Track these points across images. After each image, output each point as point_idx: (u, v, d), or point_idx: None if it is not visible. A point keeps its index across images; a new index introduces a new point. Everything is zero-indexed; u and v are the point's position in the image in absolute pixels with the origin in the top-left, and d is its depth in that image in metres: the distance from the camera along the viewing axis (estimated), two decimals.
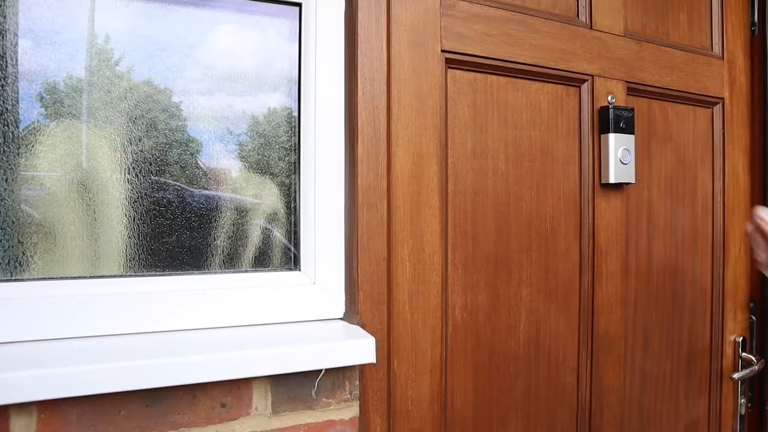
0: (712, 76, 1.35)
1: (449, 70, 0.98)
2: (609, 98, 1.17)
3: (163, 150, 0.83)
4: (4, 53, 0.76)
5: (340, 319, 0.89)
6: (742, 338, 1.41)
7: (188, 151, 0.84)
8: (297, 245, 0.89)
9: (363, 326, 0.86)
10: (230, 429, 0.77)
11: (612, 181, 1.14)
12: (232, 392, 0.77)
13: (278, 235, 0.90)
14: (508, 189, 1.06)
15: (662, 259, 1.29)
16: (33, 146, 0.77)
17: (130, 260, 0.82)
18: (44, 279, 0.78)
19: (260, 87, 0.88)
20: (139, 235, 0.82)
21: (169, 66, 0.83)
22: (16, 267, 0.77)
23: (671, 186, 1.31)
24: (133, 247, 0.82)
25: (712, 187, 1.38)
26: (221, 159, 0.86)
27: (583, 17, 1.15)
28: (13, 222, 0.76)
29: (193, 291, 0.83)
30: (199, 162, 0.86)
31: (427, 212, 0.94)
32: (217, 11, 0.86)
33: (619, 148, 1.14)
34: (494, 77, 1.04)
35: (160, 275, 0.83)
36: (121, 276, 0.82)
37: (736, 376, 1.33)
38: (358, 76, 0.87)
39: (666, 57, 1.26)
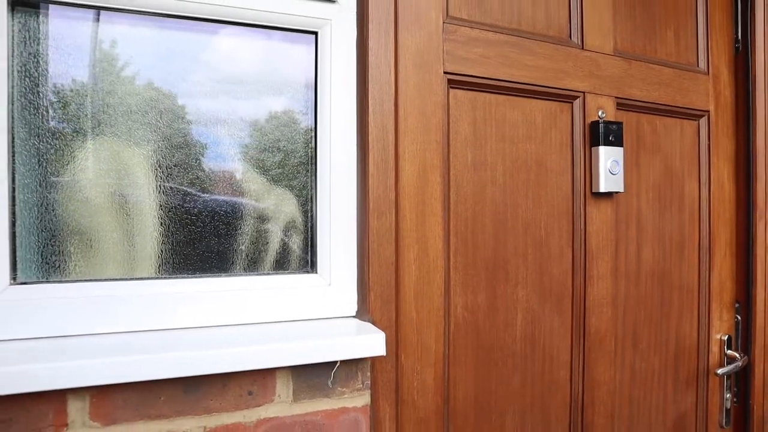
0: (698, 91, 1.44)
1: (451, 90, 1.07)
2: (599, 113, 1.25)
3: (194, 166, 0.93)
4: (44, 81, 0.85)
5: (353, 317, 0.98)
6: (727, 336, 1.50)
7: (218, 166, 0.94)
8: (314, 250, 0.99)
9: (374, 323, 0.95)
10: (256, 414, 0.86)
11: (602, 190, 1.23)
12: (257, 381, 0.86)
13: (297, 241, 0.99)
14: (505, 198, 1.15)
15: (650, 263, 1.38)
16: (78, 160, 0.87)
17: (163, 264, 0.91)
18: (88, 281, 0.87)
19: (282, 109, 0.98)
20: (171, 241, 0.92)
21: (202, 93, 0.93)
22: (64, 269, 0.86)
23: (659, 194, 1.40)
24: (166, 252, 0.92)
25: (699, 195, 1.47)
26: (246, 173, 0.96)
27: (575, 38, 1.24)
28: (63, 230, 0.86)
29: (220, 291, 0.92)
30: (226, 176, 0.95)
31: (431, 220, 1.03)
32: (242, 38, 0.95)
33: (608, 160, 1.23)
34: (492, 96, 1.13)
35: (191, 277, 0.92)
36: (154, 278, 0.91)
37: (720, 371, 1.42)
38: (369, 97, 0.96)
39: (654, 73, 1.35)
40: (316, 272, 0.98)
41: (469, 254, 1.10)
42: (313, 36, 0.98)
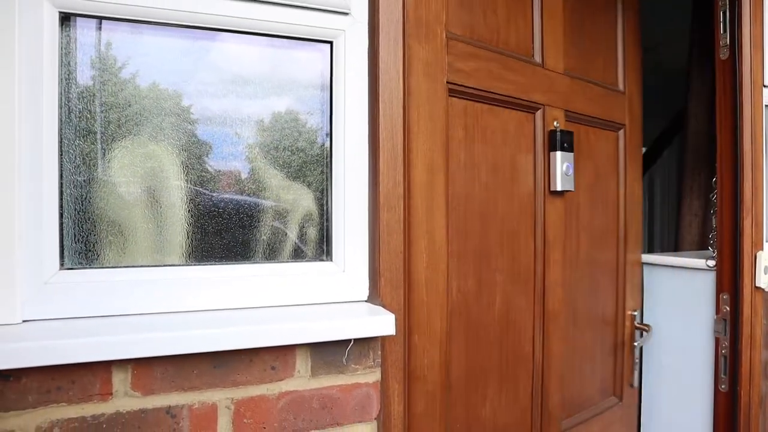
0: (618, 108, 1.70)
1: (449, 98, 1.18)
2: (555, 123, 1.44)
3: (220, 164, 1.02)
4: (88, 88, 0.95)
5: (365, 301, 1.07)
6: (637, 312, 1.79)
7: (242, 164, 1.04)
8: (329, 240, 1.08)
9: (384, 306, 1.04)
10: (278, 387, 0.95)
11: (558, 189, 1.42)
12: (279, 358, 0.95)
13: (313, 231, 1.08)
14: (488, 195, 1.28)
15: (585, 251, 1.59)
16: (117, 159, 0.96)
17: (193, 252, 1.01)
18: (125, 267, 0.97)
19: (299, 110, 1.07)
20: (200, 232, 1.01)
21: (219, 96, 1.02)
22: (104, 256, 0.96)
23: (591, 193, 1.61)
24: (195, 242, 1.01)
25: (617, 193, 1.73)
26: (267, 170, 1.05)
27: (538, 58, 1.40)
28: (103, 221, 0.95)
29: (244, 277, 1.02)
30: (249, 172, 1.04)
31: (437, 213, 1.13)
32: (265, 48, 1.05)
33: (564, 163, 1.41)
34: (479, 104, 1.26)
35: (218, 264, 1.01)
36: (185, 265, 1.01)
37: (637, 343, 1.79)
38: (380, 101, 1.06)
39: (589, 91, 1.57)
40: (332, 260, 1.07)
41: (462, 244, 1.22)
42: (329, 45, 1.07)
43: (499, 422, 1.33)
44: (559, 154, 1.40)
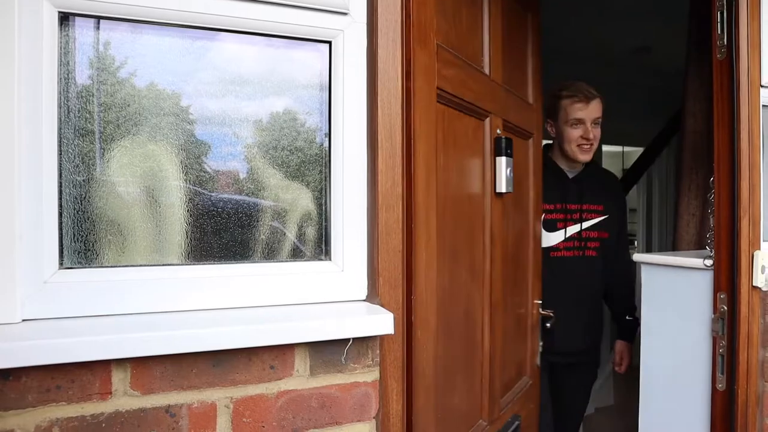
0: (531, 119, 1.89)
1: (436, 103, 1.21)
2: (498, 131, 1.53)
3: (218, 163, 1.03)
4: (87, 88, 0.95)
5: (363, 300, 1.08)
6: (540, 301, 2.00)
7: (240, 164, 1.04)
8: (327, 240, 1.08)
9: (382, 305, 1.04)
10: (277, 387, 0.96)
11: (503, 190, 1.54)
12: (278, 357, 0.95)
13: (312, 231, 1.08)
14: (456, 196, 1.33)
15: (510, 247, 1.71)
16: (116, 159, 0.96)
17: (191, 251, 1.01)
18: (123, 266, 0.97)
19: (297, 110, 1.07)
20: (199, 232, 1.01)
21: (217, 96, 1.03)
22: (102, 256, 0.96)
23: (514, 195, 1.72)
24: (194, 241, 1.01)
25: (529, 195, 1.92)
26: (266, 169, 1.05)
27: (486, 69, 1.48)
28: (101, 221, 0.96)
29: (243, 276, 1.02)
30: (247, 172, 1.05)
31: (431, 213, 1.15)
32: (264, 47, 1.05)
33: (507, 168, 1.52)
34: (451, 110, 1.29)
35: (217, 264, 1.02)
36: (183, 264, 1.01)
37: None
38: (378, 100, 1.06)
39: (515, 102, 1.69)
40: (330, 259, 1.07)
41: (441, 243, 1.25)
42: (328, 45, 1.08)
43: (462, 409, 1.42)
44: (504, 159, 1.53)
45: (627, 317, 2.21)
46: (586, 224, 2.09)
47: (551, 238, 2.07)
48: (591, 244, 2.10)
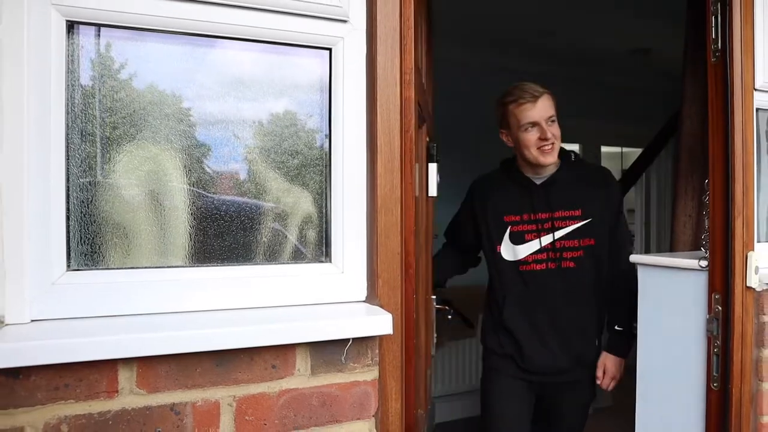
0: (431, 127, 1.92)
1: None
2: (426, 138, 1.66)
3: (221, 168, 1.05)
4: (93, 93, 0.98)
5: (363, 301, 1.10)
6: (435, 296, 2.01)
7: (243, 168, 1.06)
8: (328, 242, 1.10)
9: (381, 306, 1.07)
10: (279, 386, 0.98)
11: (434, 194, 1.68)
12: (279, 356, 0.98)
13: (313, 234, 1.11)
14: (417, 199, 1.37)
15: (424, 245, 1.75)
16: (121, 163, 0.99)
17: (195, 253, 1.03)
18: (129, 268, 0.99)
19: (299, 114, 1.10)
20: (203, 234, 1.04)
21: (219, 100, 1.05)
22: (109, 258, 0.98)
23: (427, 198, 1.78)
24: (198, 244, 1.03)
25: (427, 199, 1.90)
26: (268, 173, 1.08)
27: (424, 79, 1.63)
28: (108, 224, 0.98)
29: (245, 278, 1.04)
30: (250, 176, 1.07)
31: (419, 215, 1.18)
32: (267, 54, 1.08)
33: (437, 173, 1.68)
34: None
35: (220, 266, 1.04)
36: (188, 266, 1.03)
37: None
38: (378, 106, 1.08)
39: (428, 112, 1.77)
40: (331, 261, 1.10)
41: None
42: (328, 51, 1.10)
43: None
44: (434, 165, 1.64)
45: (616, 327, 1.94)
46: (559, 233, 1.85)
47: (519, 251, 1.87)
48: (568, 254, 1.86)
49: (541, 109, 1.81)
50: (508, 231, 1.87)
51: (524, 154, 1.85)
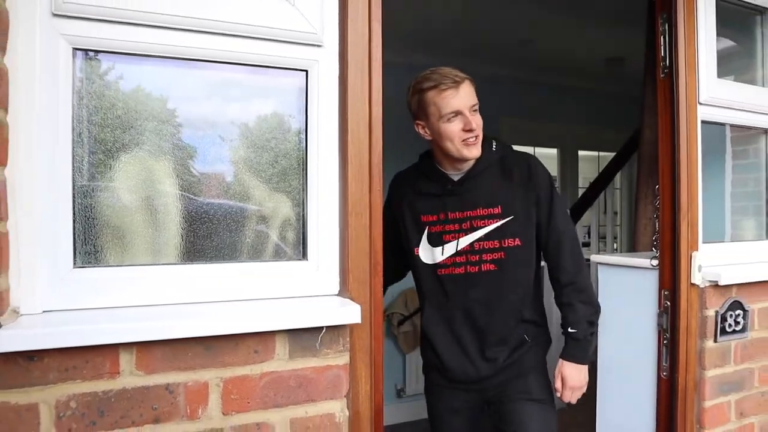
0: None
1: None
2: None
3: (210, 176, 1.19)
4: (96, 108, 1.11)
5: (336, 295, 1.23)
6: None
7: (230, 177, 1.20)
8: (305, 242, 1.24)
9: (352, 299, 1.20)
10: (260, 368, 1.11)
11: None
12: (261, 342, 1.11)
13: (291, 235, 1.24)
14: None
15: None
16: (121, 171, 1.12)
17: (186, 252, 1.16)
18: (128, 265, 1.12)
19: (279, 131, 1.24)
20: (192, 235, 1.17)
21: (205, 118, 1.19)
22: (110, 256, 1.11)
23: None
24: (188, 243, 1.16)
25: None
26: (251, 181, 1.21)
27: None
28: (109, 226, 1.11)
29: (231, 274, 1.17)
30: (236, 184, 1.21)
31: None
32: (249, 75, 1.21)
33: None
34: None
35: (208, 263, 1.17)
36: (180, 263, 1.16)
37: None
38: (349, 122, 1.22)
39: None
40: (307, 259, 1.23)
41: None
42: (304, 73, 1.23)
43: None
44: None
45: (569, 330, 1.66)
46: (478, 234, 1.63)
47: (437, 254, 1.67)
48: (488, 256, 1.63)
49: (464, 97, 1.57)
50: (426, 232, 1.68)
51: (446, 148, 1.60)
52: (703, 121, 1.82)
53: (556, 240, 1.66)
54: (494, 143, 1.69)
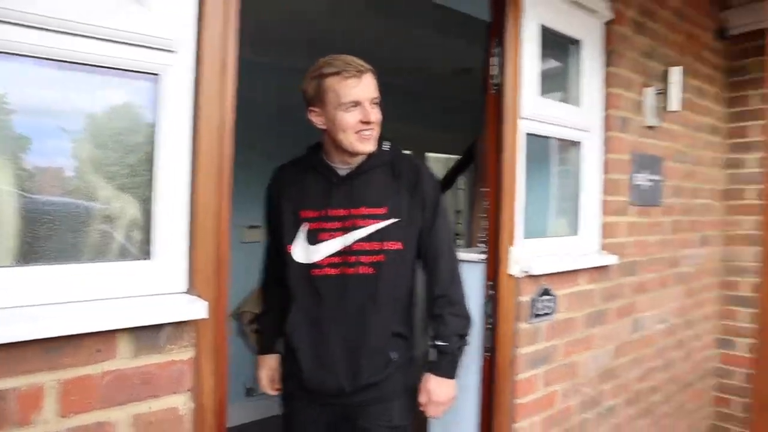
0: None
1: None
2: None
3: (53, 174, 1.17)
4: None
5: (185, 293, 1.27)
6: None
7: (74, 175, 1.19)
8: (151, 241, 1.26)
9: (199, 297, 1.26)
10: (102, 367, 1.13)
11: None
12: (103, 341, 1.13)
13: (137, 234, 1.26)
14: None
15: None
16: None
17: (26, 253, 1.13)
18: None
19: (128, 133, 1.25)
20: (32, 236, 1.14)
21: (53, 118, 1.17)
22: None
23: None
24: (27, 245, 1.13)
25: None
26: (99, 181, 1.21)
27: None
28: None
29: (76, 275, 1.16)
30: (81, 183, 1.20)
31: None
32: (99, 76, 1.20)
33: None
34: None
35: (52, 264, 1.14)
36: (20, 265, 1.12)
37: None
38: (201, 126, 1.26)
39: None
40: (153, 259, 1.25)
41: None
42: (156, 77, 1.24)
43: None
44: None
45: (437, 343, 1.62)
46: (358, 233, 1.55)
47: (313, 253, 1.57)
48: (366, 258, 1.55)
49: (366, 88, 1.51)
50: (304, 229, 1.59)
51: (338, 139, 1.53)
52: (528, 134, 2.10)
53: (435, 249, 1.64)
54: (388, 144, 1.65)
